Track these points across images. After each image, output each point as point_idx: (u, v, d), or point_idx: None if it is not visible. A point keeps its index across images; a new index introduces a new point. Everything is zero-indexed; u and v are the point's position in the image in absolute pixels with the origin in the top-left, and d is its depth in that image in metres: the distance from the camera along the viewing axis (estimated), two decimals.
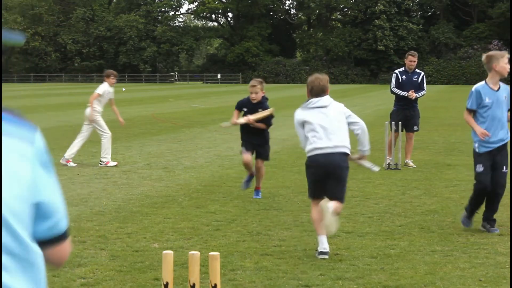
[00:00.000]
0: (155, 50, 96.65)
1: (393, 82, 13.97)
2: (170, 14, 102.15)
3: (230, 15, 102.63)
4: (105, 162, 13.54)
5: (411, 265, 6.62)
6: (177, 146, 16.77)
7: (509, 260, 6.71)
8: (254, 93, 10.13)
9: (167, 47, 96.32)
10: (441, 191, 10.69)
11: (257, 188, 10.42)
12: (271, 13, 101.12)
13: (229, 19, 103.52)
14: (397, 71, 14.13)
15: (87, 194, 10.34)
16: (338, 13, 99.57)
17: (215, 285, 3.22)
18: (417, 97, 13.88)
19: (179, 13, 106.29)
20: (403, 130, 13.89)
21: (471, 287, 5.98)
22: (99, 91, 13.97)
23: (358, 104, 34.47)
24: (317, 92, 7.30)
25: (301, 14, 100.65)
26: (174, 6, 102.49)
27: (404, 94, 13.74)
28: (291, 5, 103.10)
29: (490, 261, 6.76)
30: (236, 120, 10.22)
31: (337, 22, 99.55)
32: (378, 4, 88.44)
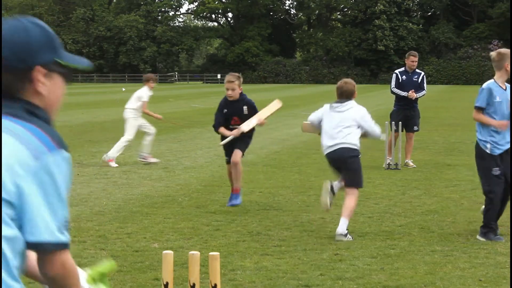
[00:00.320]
0: (155, 50, 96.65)
1: (393, 82, 13.98)
2: (170, 14, 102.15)
3: (230, 15, 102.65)
4: (108, 160, 13.49)
5: (411, 265, 6.62)
6: (177, 146, 16.77)
7: (509, 260, 6.71)
8: (231, 90, 9.16)
9: (167, 47, 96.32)
10: (441, 191, 10.69)
11: (235, 191, 9.36)
12: (271, 13, 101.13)
13: (229, 19, 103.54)
14: (397, 71, 14.13)
15: (87, 194, 10.34)
16: (338, 13, 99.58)
17: (215, 285, 3.21)
18: (418, 97, 13.89)
19: (179, 13, 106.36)
20: (403, 130, 13.89)
21: (471, 287, 5.98)
22: (145, 99, 14.06)
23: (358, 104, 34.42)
24: (344, 96, 8.03)
25: (301, 14, 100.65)
26: (174, 6, 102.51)
27: (404, 94, 13.75)
28: (291, 5, 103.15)
29: (490, 261, 6.76)
30: (234, 132, 9.16)
31: (337, 22, 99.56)
32: (378, 4, 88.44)
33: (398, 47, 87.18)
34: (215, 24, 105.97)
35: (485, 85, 7.80)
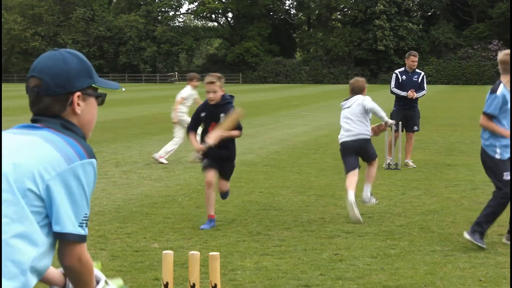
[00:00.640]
0: (155, 50, 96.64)
1: (393, 82, 13.99)
2: (170, 14, 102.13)
3: (230, 15, 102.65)
4: (158, 157, 13.89)
5: (411, 265, 6.62)
6: (177, 146, 16.76)
7: (509, 260, 6.71)
8: (212, 92, 8.06)
9: (167, 47, 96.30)
10: (441, 191, 10.69)
11: (211, 217, 8.29)
12: (271, 13, 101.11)
13: (229, 19, 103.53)
14: (397, 71, 14.14)
15: None
16: (338, 13, 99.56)
17: (215, 285, 3.21)
18: (418, 97, 13.89)
19: (179, 13, 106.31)
20: (403, 130, 13.89)
21: (471, 287, 5.98)
22: (183, 95, 14.20)
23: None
24: (354, 91, 9.22)
25: (301, 14, 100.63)
26: (174, 6, 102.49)
27: (403, 94, 13.75)
28: (291, 5, 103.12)
29: (490, 261, 6.76)
30: (201, 146, 8.10)
31: (337, 22, 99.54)
32: (378, 4, 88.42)
33: (398, 47, 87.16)
34: (215, 24, 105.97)
35: (499, 92, 7.19)
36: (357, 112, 8.97)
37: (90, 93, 2.55)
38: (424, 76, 14.15)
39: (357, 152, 9.01)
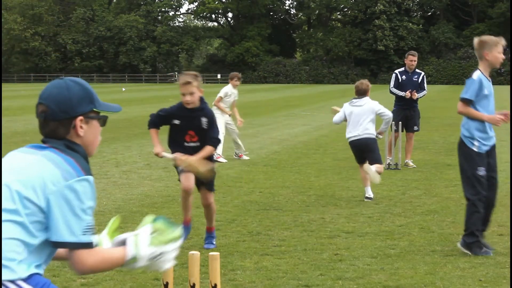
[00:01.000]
0: (155, 50, 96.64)
1: (392, 82, 13.99)
2: (170, 14, 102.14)
3: (230, 15, 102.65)
4: (216, 156, 14.20)
5: (411, 265, 6.62)
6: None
7: (509, 260, 6.71)
8: (189, 95, 6.81)
9: (167, 47, 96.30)
10: (441, 191, 10.69)
11: (210, 230, 7.40)
12: (271, 13, 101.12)
13: (229, 19, 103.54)
14: (397, 71, 14.14)
15: None
16: (338, 13, 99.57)
17: (215, 285, 3.21)
18: (419, 98, 13.89)
19: (179, 13, 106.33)
20: (403, 130, 13.89)
21: (471, 287, 5.98)
22: (221, 94, 14.61)
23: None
24: (360, 93, 10.09)
25: (301, 14, 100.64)
26: (174, 6, 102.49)
27: (402, 94, 13.76)
28: (291, 5, 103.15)
29: (490, 261, 6.75)
30: (162, 150, 7.07)
31: (337, 22, 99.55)
32: (378, 4, 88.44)
33: (398, 47, 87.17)
34: (215, 24, 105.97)
35: (477, 76, 6.93)
36: (369, 113, 9.95)
37: (92, 117, 2.83)
38: (424, 76, 14.14)
39: (364, 150, 9.88)
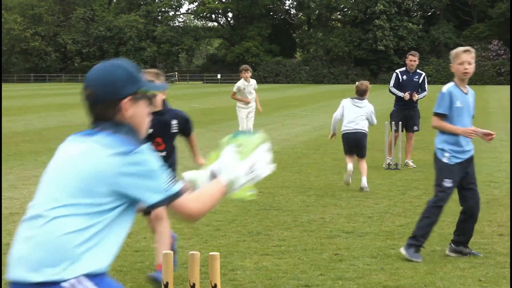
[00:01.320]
0: (155, 50, 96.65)
1: (392, 82, 13.98)
2: (170, 14, 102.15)
3: (230, 15, 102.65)
4: None
5: (411, 265, 6.62)
6: (177, 146, 16.74)
7: (509, 260, 6.71)
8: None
9: (167, 47, 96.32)
10: None
11: (159, 268, 5.86)
12: (271, 13, 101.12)
13: (229, 19, 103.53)
14: (398, 71, 14.12)
15: None
16: (338, 13, 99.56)
17: (215, 285, 3.21)
18: (419, 98, 13.89)
19: (179, 13, 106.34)
20: (403, 130, 13.89)
21: (471, 287, 5.98)
22: (234, 89, 15.51)
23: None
24: (359, 94, 11.11)
25: (301, 14, 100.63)
26: (174, 6, 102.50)
27: (401, 95, 13.74)
28: (291, 5, 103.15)
29: (490, 261, 6.76)
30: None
31: (337, 22, 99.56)
32: (378, 4, 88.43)
33: (398, 47, 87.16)
34: (215, 24, 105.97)
35: (446, 89, 6.96)
36: (366, 113, 11.05)
37: (138, 97, 2.87)
38: (425, 77, 14.12)
39: (356, 144, 10.94)
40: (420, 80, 13.90)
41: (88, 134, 2.83)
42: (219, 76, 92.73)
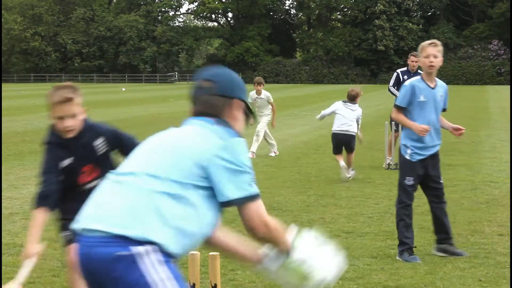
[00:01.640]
0: (155, 50, 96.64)
1: (392, 81, 13.94)
2: (170, 14, 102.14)
3: (230, 15, 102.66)
4: (273, 153, 15.32)
5: (411, 265, 6.62)
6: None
7: (509, 260, 6.71)
8: (70, 117, 4.55)
9: (167, 47, 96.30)
10: None
11: None
12: (271, 13, 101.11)
13: (229, 19, 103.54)
14: (399, 71, 14.07)
15: None
16: (338, 13, 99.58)
17: (215, 285, 3.21)
18: None
19: (179, 13, 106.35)
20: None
21: (471, 287, 5.98)
22: (249, 99, 15.31)
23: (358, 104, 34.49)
24: (350, 98, 12.21)
25: (301, 14, 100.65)
26: (174, 6, 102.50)
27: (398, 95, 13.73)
28: (291, 5, 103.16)
29: (490, 261, 6.75)
30: (37, 249, 4.38)
31: (337, 22, 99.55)
32: (378, 4, 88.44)
33: (398, 47, 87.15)
34: (215, 24, 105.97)
35: (409, 82, 7.01)
36: (356, 117, 12.11)
37: (243, 106, 3.15)
38: None
39: (344, 144, 12.06)
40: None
41: (195, 118, 3.07)
42: None
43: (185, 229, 2.85)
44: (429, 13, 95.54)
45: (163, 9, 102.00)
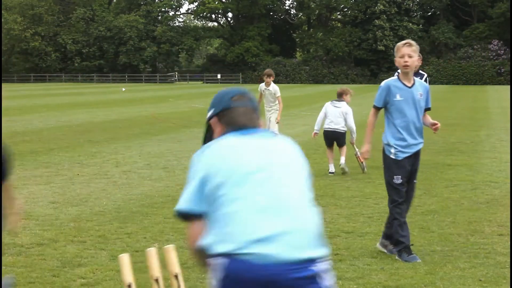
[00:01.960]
0: (155, 50, 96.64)
1: None
2: (170, 14, 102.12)
3: (230, 15, 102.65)
4: None
5: (411, 265, 6.62)
6: (177, 146, 16.75)
7: (509, 260, 6.71)
8: None
9: (167, 47, 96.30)
10: (441, 191, 10.69)
11: None
12: (271, 13, 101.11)
13: (229, 19, 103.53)
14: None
15: (87, 194, 10.33)
16: (338, 13, 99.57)
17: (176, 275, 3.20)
18: None
19: (179, 13, 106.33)
20: None
21: (471, 287, 5.98)
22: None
23: (358, 104, 34.41)
24: (337, 95, 12.95)
25: (301, 14, 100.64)
26: (174, 6, 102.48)
27: None
28: (291, 5, 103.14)
29: (490, 261, 6.75)
30: None
31: (337, 22, 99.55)
32: (378, 4, 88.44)
33: None
34: (215, 24, 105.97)
35: (384, 82, 7.10)
36: (342, 114, 12.62)
37: (217, 120, 3.46)
38: (427, 78, 14.09)
39: (335, 140, 12.73)
40: (422, 81, 13.87)
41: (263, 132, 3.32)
42: (219, 76, 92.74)
43: None
44: (429, 13, 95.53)
45: (163, 9, 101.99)
